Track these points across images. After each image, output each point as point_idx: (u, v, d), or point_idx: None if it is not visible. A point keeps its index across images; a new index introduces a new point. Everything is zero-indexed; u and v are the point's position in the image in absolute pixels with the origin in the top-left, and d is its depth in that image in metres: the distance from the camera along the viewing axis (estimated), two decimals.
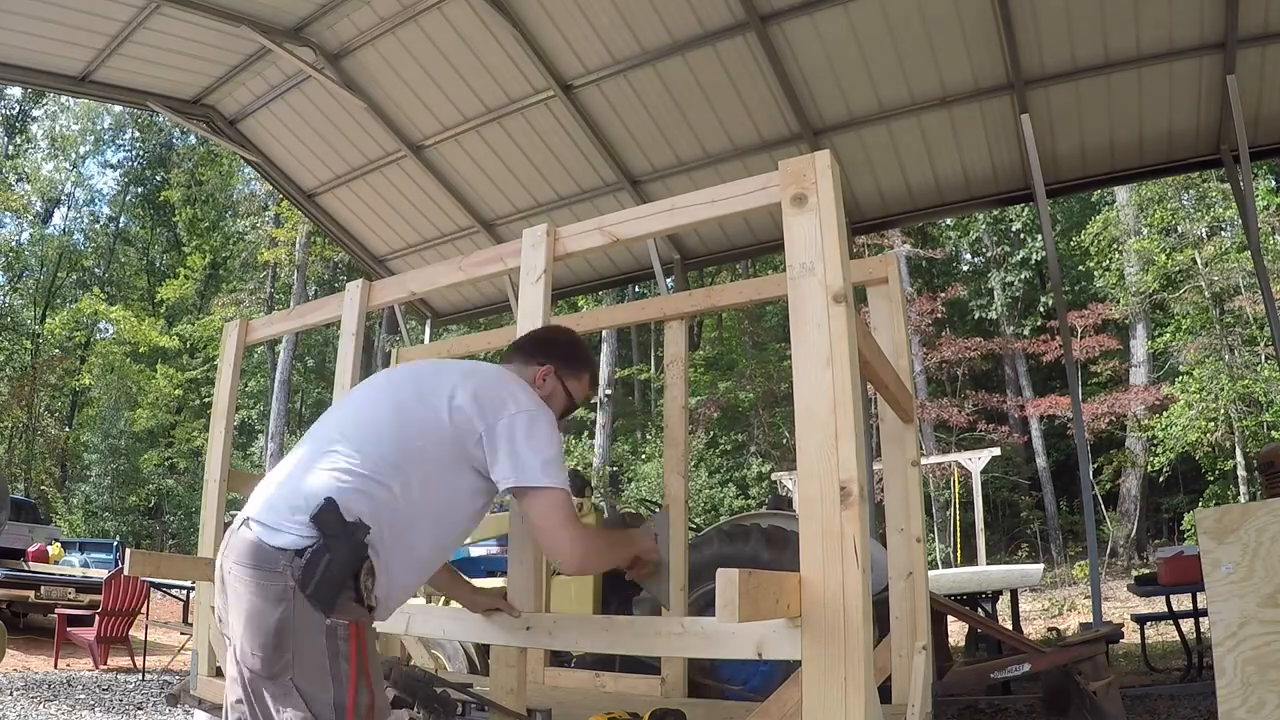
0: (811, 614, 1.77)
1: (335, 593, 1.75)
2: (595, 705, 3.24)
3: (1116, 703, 4.01)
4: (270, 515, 1.83)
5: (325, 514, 1.78)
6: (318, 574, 1.74)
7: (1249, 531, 2.96)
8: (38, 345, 25.71)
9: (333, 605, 1.76)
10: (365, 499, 1.86)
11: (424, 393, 2.06)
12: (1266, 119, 6.31)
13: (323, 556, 1.75)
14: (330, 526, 1.78)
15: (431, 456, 1.98)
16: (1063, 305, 8.68)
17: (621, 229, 2.54)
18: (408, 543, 1.95)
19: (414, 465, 1.96)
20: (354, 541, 1.79)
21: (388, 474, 1.91)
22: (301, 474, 1.91)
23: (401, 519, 1.92)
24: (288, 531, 1.79)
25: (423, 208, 8.65)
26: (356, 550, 1.79)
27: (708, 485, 19.05)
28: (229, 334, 3.95)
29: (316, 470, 1.90)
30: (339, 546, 1.77)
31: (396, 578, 1.94)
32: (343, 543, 1.78)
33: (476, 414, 2.01)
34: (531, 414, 2.04)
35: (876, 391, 3.01)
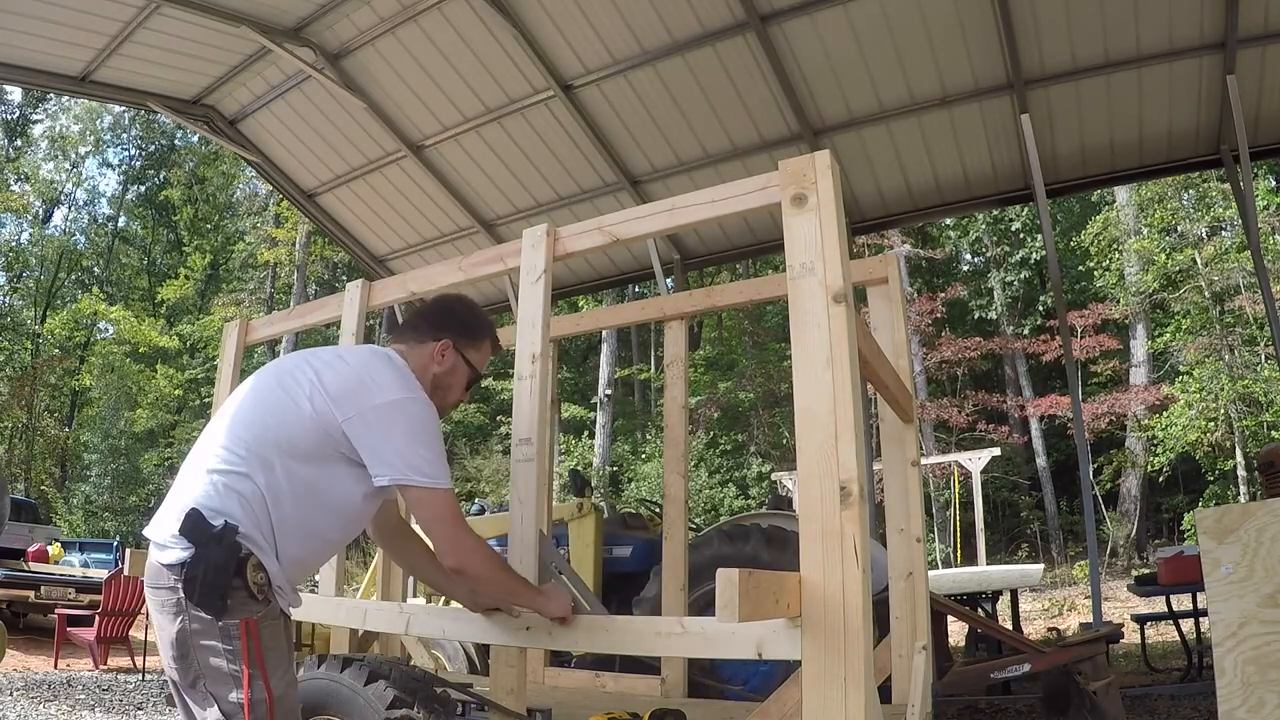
0: (811, 614, 1.77)
1: (221, 596, 1.77)
2: (595, 705, 3.24)
3: (1116, 703, 4.01)
4: (157, 533, 1.88)
5: (190, 524, 1.80)
6: (197, 583, 1.77)
7: (1249, 531, 2.96)
8: (38, 345, 25.71)
9: (223, 608, 1.78)
10: (234, 496, 1.87)
11: (285, 381, 2.02)
12: (1266, 119, 6.31)
13: (198, 565, 1.77)
14: (198, 535, 1.79)
15: (295, 443, 1.94)
16: (1063, 305, 8.68)
17: (621, 229, 2.54)
18: (294, 526, 1.93)
19: (275, 453, 1.92)
20: (225, 545, 1.80)
21: (252, 465, 1.90)
22: (179, 488, 1.94)
23: (279, 505, 1.90)
24: (170, 548, 1.83)
25: (423, 208, 8.65)
26: (230, 552, 1.80)
27: (708, 485, 19.05)
28: (229, 334, 3.95)
29: (189, 481, 1.93)
30: (210, 552, 1.78)
31: (293, 559, 1.94)
32: (212, 548, 1.79)
33: (335, 403, 1.95)
34: (399, 402, 1.97)
35: (876, 391, 3.01)
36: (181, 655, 1.81)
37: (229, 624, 1.78)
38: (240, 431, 1.96)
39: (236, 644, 1.79)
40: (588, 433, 21.32)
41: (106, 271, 30.24)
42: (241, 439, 1.95)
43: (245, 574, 1.81)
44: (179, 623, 1.80)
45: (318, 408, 1.95)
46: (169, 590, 1.81)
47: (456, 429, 23.09)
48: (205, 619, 1.78)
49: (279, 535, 1.91)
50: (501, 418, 21.52)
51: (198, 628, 1.79)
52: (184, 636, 1.80)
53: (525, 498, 2.50)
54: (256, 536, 1.87)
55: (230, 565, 1.79)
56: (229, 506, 1.85)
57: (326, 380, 1.99)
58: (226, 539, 1.80)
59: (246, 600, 1.81)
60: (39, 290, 27.76)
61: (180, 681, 1.83)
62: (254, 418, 1.98)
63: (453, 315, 2.31)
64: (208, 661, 1.79)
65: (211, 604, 1.77)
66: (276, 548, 1.90)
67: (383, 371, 2.03)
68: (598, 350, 21.57)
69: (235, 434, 1.96)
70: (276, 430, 1.95)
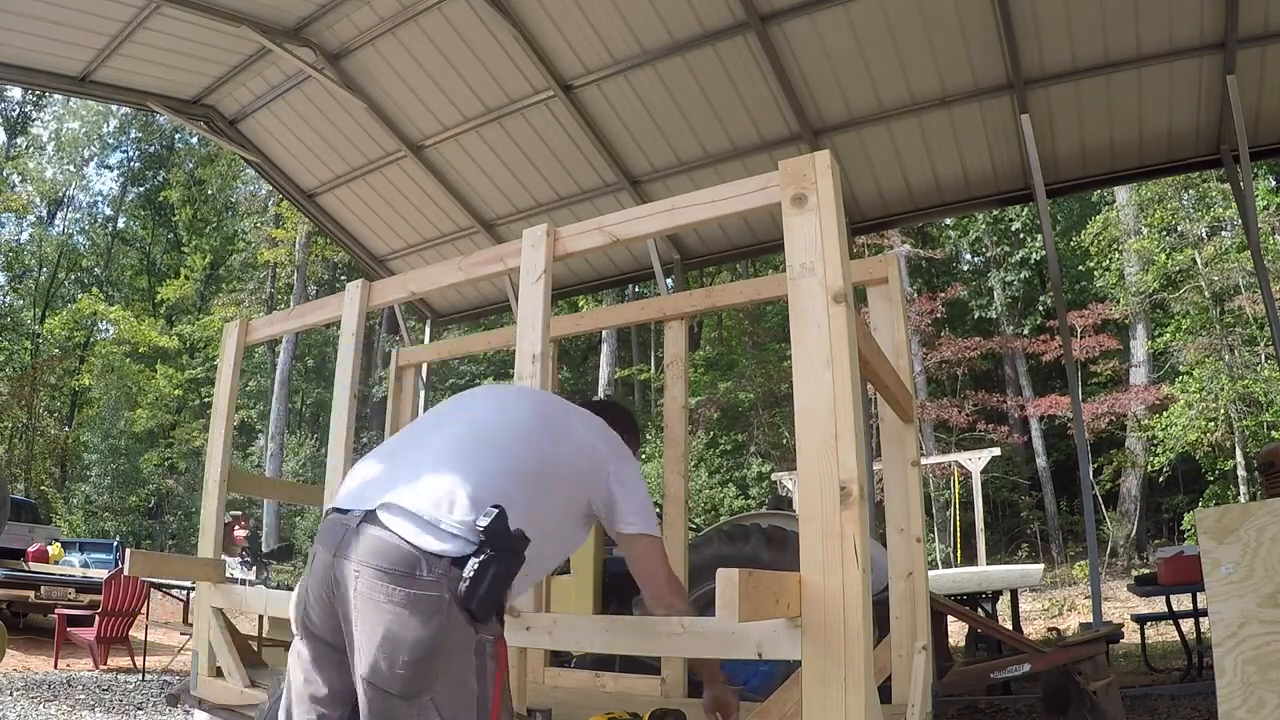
0: (811, 614, 1.78)
1: (496, 608, 1.65)
2: (595, 705, 3.24)
3: (1116, 703, 4.01)
4: (420, 512, 1.67)
5: (498, 523, 1.64)
6: (483, 588, 1.60)
7: (1249, 531, 2.96)
8: (37, 345, 25.70)
9: (488, 620, 1.65)
10: (514, 508, 1.72)
11: (549, 419, 2.09)
12: (1266, 119, 6.31)
13: (488, 569, 1.60)
14: (501, 538, 1.64)
15: (555, 478, 1.98)
16: (1063, 305, 8.68)
17: (621, 229, 2.54)
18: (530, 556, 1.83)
19: (539, 483, 1.91)
20: (518, 555, 1.67)
21: (526, 485, 1.85)
22: (452, 472, 1.76)
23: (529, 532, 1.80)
24: (451, 536, 1.64)
25: (423, 208, 8.65)
26: (518, 564, 1.68)
27: (708, 485, 19.04)
28: (229, 334, 3.95)
29: (468, 471, 1.77)
30: (506, 560, 1.64)
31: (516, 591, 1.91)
32: (508, 556, 1.65)
33: (606, 455, 2.08)
34: (635, 462, 2.18)
35: (876, 391, 3.01)
36: (425, 661, 1.58)
37: (486, 639, 1.64)
38: (513, 449, 1.91)
39: (492, 664, 1.64)
40: None
41: (106, 272, 30.24)
42: (516, 458, 1.89)
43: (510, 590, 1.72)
44: (434, 623, 1.58)
45: (583, 452, 2.05)
46: (430, 583, 1.60)
47: None
48: (465, 628, 1.61)
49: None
50: None
51: (457, 636, 1.60)
52: (436, 641, 1.58)
53: None
54: None
55: (511, 579, 1.67)
56: (515, 517, 1.69)
57: (593, 433, 2.12)
58: (518, 549, 1.66)
59: (497, 618, 1.70)
60: (39, 290, 27.76)
61: (398, 690, 1.58)
62: (528, 443, 1.95)
63: (632, 431, 2.38)
64: (452, 675, 1.60)
65: (484, 613, 1.61)
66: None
67: (615, 434, 2.20)
68: (598, 350, 21.57)
69: (510, 451, 1.90)
70: (548, 463, 1.95)
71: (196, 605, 3.85)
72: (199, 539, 3.96)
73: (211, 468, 3.86)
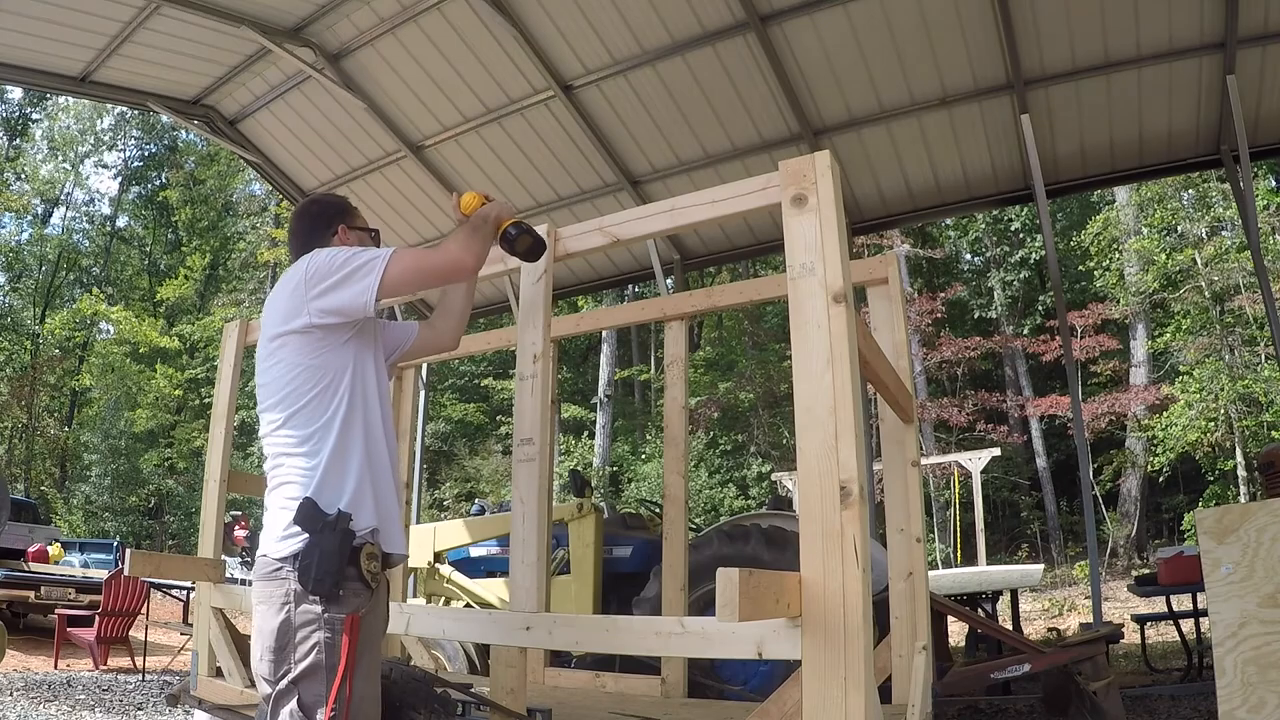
0: (811, 614, 1.78)
1: (336, 585, 1.83)
2: (595, 705, 3.24)
3: (1116, 703, 4.01)
4: (270, 526, 1.98)
5: (302, 513, 1.89)
6: (314, 570, 1.83)
7: (1249, 531, 2.96)
8: (37, 345, 25.70)
9: (336, 599, 1.84)
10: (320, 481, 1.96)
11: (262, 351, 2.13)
12: (1266, 119, 6.31)
13: (313, 553, 1.84)
14: (310, 523, 1.87)
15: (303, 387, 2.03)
16: (1063, 305, 8.67)
17: (622, 229, 2.54)
18: (374, 465, 2.03)
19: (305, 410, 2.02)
20: (336, 531, 1.87)
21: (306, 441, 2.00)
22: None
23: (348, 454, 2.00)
24: (283, 541, 1.91)
25: (423, 208, 8.65)
26: (338, 539, 1.86)
27: (708, 485, 19.04)
28: (229, 334, 3.95)
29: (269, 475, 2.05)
30: (325, 540, 1.85)
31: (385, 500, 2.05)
32: (327, 535, 1.86)
33: (290, 300, 2.04)
34: (325, 251, 2.10)
35: (876, 391, 3.01)
36: (276, 646, 1.84)
37: (336, 618, 1.84)
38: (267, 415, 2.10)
39: (338, 638, 1.83)
40: (588, 433, 21.32)
41: (106, 271, 30.23)
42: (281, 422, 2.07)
43: (360, 563, 1.88)
44: (284, 613, 1.85)
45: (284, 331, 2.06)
46: (279, 580, 1.87)
47: (456, 429, 23.10)
48: (315, 610, 1.83)
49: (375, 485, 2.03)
50: (501, 418, 21.52)
51: (307, 619, 1.84)
52: (286, 628, 1.84)
53: (526, 498, 2.51)
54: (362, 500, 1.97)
55: (342, 554, 1.86)
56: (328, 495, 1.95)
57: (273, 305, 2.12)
58: (338, 524, 1.88)
59: (355, 592, 1.88)
60: (38, 290, 27.75)
61: (266, 675, 1.86)
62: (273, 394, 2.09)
63: (322, 211, 2.36)
64: (303, 654, 1.83)
65: (330, 593, 1.83)
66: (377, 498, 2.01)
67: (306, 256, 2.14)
68: (598, 350, 21.57)
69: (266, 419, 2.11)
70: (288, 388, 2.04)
71: (196, 605, 3.85)
72: (199, 539, 3.96)
73: (211, 468, 3.86)
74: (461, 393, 23.65)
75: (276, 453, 2.03)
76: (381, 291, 2.01)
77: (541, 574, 2.48)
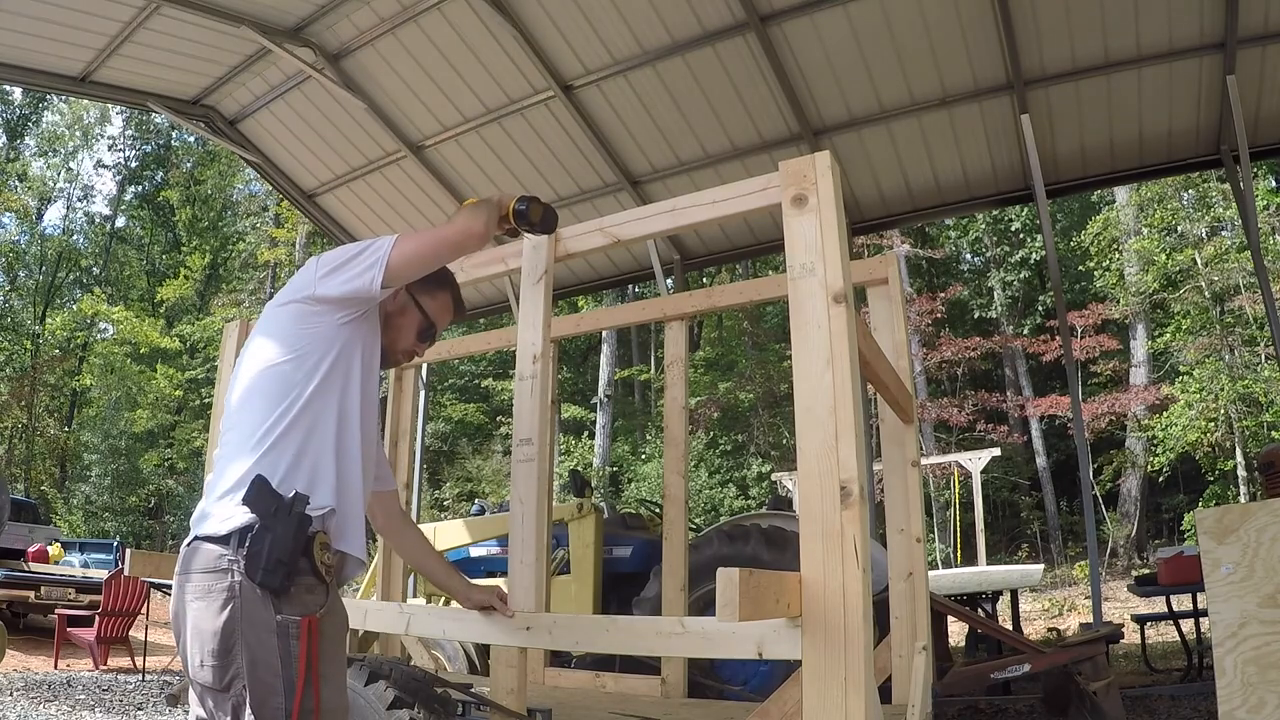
0: (811, 614, 1.78)
1: (288, 577, 1.63)
2: (595, 705, 3.24)
3: (1116, 703, 4.01)
4: (202, 511, 1.76)
5: (254, 490, 1.68)
6: (264, 559, 1.61)
7: (1249, 532, 2.96)
8: (37, 345, 25.70)
9: (286, 594, 1.63)
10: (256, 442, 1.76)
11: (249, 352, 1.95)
12: (1266, 119, 6.31)
13: (264, 538, 1.63)
14: (263, 503, 1.66)
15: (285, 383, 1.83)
16: (1063, 305, 8.68)
17: (622, 230, 2.55)
18: (340, 454, 1.83)
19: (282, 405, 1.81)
20: (291, 514, 1.67)
21: (270, 438, 1.79)
22: (215, 465, 1.85)
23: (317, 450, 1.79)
24: (219, 522, 1.69)
25: (423, 208, 8.65)
26: (294, 524, 1.66)
27: (708, 485, 19.04)
28: (229, 334, 3.95)
29: (221, 453, 1.84)
30: (280, 524, 1.65)
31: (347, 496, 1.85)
32: (282, 519, 1.65)
33: (291, 287, 1.93)
34: (328, 250, 1.97)
35: (876, 391, 3.02)
36: (221, 650, 1.61)
37: (290, 620, 1.62)
38: (242, 412, 1.90)
39: (295, 645, 1.62)
40: (588, 433, 21.32)
41: (105, 271, 30.21)
42: (249, 417, 1.87)
43: (312, 554, 1.68)
44: (228, 610, 1.62)
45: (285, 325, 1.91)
46: (219, 570, 1.64)
47: (457, 429, 23.10)
48: (266, 611, 1.61)
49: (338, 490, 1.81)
50: (502, 418, 21.51)
51: (256, 620, 1.61)
52: (231, 628, 1.61)
53: (526, 498, 2.51)
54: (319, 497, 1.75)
55: (299, 538, 1.66)
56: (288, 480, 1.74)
57: (276, 309, 1.96)
58: (293, 507, 1.67)
59: (307, 591, 1.67)
60: (38, 290, 27.74)
61: (210, 683, 1.63)
62: (248, 391, 1.91)
63: None
64: (255, 659, 1.60)
65: (280, 585, 1.61)
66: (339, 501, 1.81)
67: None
68: (598, 351, 21.57)
69: (241, 414, 1.90)
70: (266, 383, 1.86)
71: None
72: None
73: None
74: (461, 393, 23.66)
75: (235, 431, 1.81)
76: (389, 271, 1.86)
77: (541, 574, 2.48)
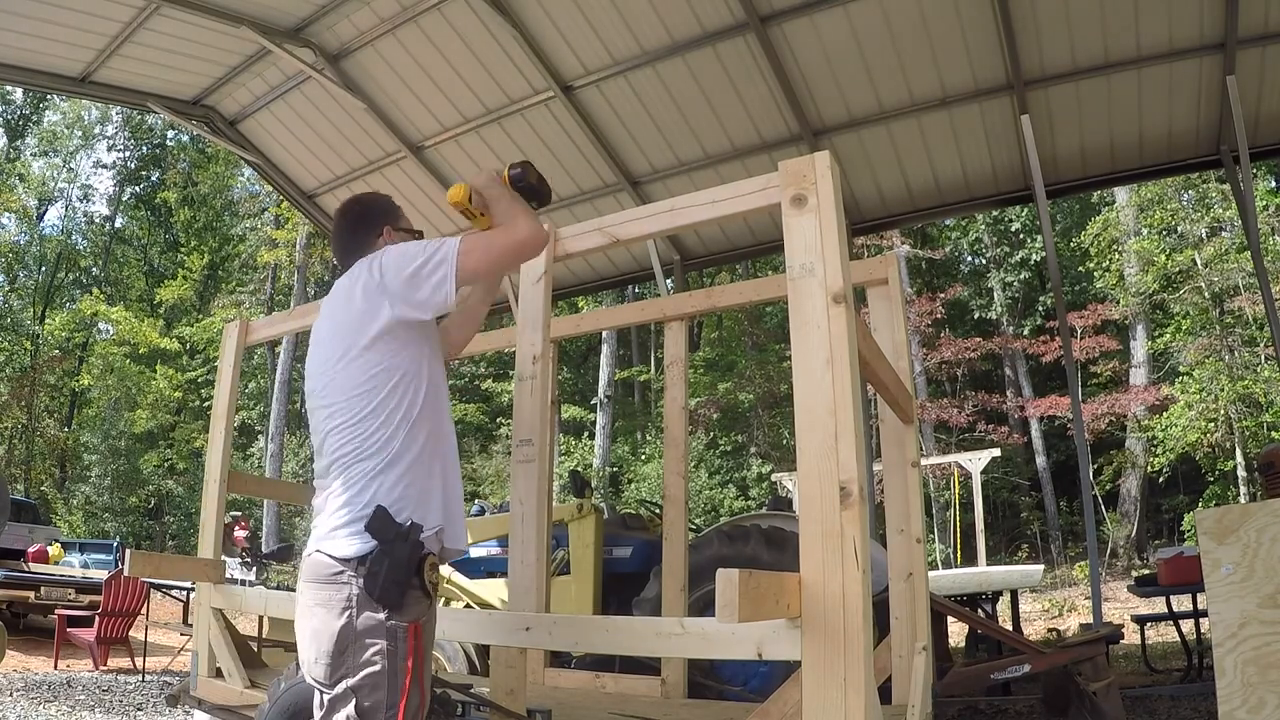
0: (811, 614, 1.77)
1: (401, 595, 1.83)
2: (595, 705, 3.24)
3: (1116, 703, 4.01)
4: (327, 528, 1.94)
5: (377, 521, 1.87)
6: (381, 579, 1.82)
7: (1249, 532, 2.96)
8: (37, 345, 25.69)
9: (399, 608, 1.83)
10: (393, 486, 1.93)
11: (334, 336, 2.07)
12: (1266, 119, 6.31)
13: (383, 562, 1.83)
14: (384, 532, 1.86)
15: (374, 385, 1.98)
16: (1062, 306, 8.68)
17: (621, 230, 2.55)
18: (443, 461, 2.05)
19: (377, 413, 1.97)
20: (407, 542, 1.86)
21: (379, 443, 1.96)
22: (327, 485, 2.00)
23: (421, 455, 1.99)
24: (345, 544, 1.89)
25: (423, 209, 8.65)
26: (411, 550, 1.86)
27: (708, 486, 19.04)
28: (229, 334, 3.95)
29: (330, 478, 1.99)
30: (397, 551, 1.84)
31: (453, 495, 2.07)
32: (399, 546, 1.85)
33: (366, 301, 2.00)
34: (387, 250, 2.07)
35: (876, 392, 3.01)
36: (334, 650, 1.82)
37: (398, 625, 1.83)
38: (330, 421, 2.05)
39: (402, 646, 1.83)
40: (588, 433, 21.31)
41: (104, 272, 30.20)
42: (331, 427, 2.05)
43: (423, 573, 1.87)
44: (345, 617, 1.83)
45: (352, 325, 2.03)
46: (340, 584, 1.85)
47: (458, 429, 23.02)
48: (378, 617, 1.82)
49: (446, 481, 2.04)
50: (502, 419, 21.51)
51: (369, 626, 1.82)
52: (346, 632, 1.82)
53: (526, 498, 2.51)
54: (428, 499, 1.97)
55: (413, 564, 1.86)
56: (398, 502, 1.94)
57: (351, 288, 2.08)
58: (409, 535, 1.87)
59: (417, 601, 1.88)
60: (38, 290, 27.73)
61: (321, 678, 1.85)
62: (338, 391, 2.06)
63: (365, 211, 2.31)
64: (363, 659, 1.81)
65: (394, 602, 1.83)
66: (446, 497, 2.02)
67: (368, 255, 2.13)
68: (598, 351, 21.56)
69: (326, 429, 2.06)
70: (363, 388, 2.00)
71: (196, 606, 3.85)
72: (199, 539, 3.96)
73: (211, 468, 3.86)
74: (462, 394, 23.67)
75: (342, 452, 1.97)
76: (459, 279, 1.97)
77: (541, 574, 2.48)
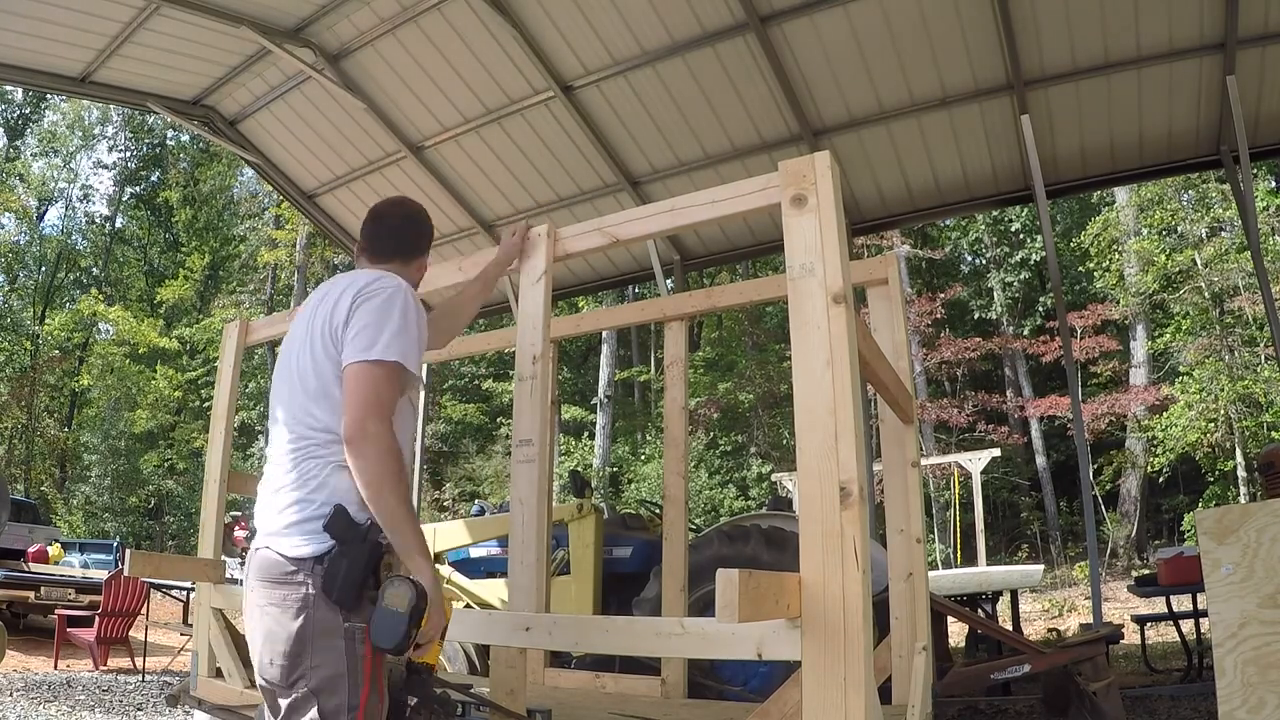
0: (811, 614, 1.77)
1: (358, 596, 1.78)
2: (595, 705, 3.24)
3: (1116, 703, 4.01)
4: (279, 525, 1.87)
5: (336, 520, 1.82)
6: (339, 579, 1.77)
7: (1249, 532, 2.96)
8: (37, 345, 25.69)
9: (356, 608, 1.78)
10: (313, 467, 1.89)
11: (312, 337, 2.04)
12: (1266, 119, 6.31)
13: (341, 562, 1.79)
14: (344, 532, 1.81)
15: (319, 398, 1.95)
16: (1062, 306, 8.67)
17: (621, 230, 2.55)
18: None
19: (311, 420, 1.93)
20: (365, 542, 1.82)
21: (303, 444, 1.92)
22: (279, 478, 1.93)
23: None
24: (301, 541, 1.83)
25: None
26: (368, 551, 1.81)
27: (708, 486, 19.03)
28: (229, 334, 3.96)
29: (283, 472, 1.93)
30: (354, 551, 1.80)
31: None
32: (355, 547, 1.80)
33: (343, 311, 1.98)
34: (408, 297, 2.00)
35: (876, 392, 3.01)
36: (292, 652, 1.77)
37: (356, 626, 1.78)
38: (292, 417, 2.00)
39: (361, 648, 1.77)
40: (588, 434, 21.31)
41: (104, 272, 30.19)
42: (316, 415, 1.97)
43: (379, 572, 1.83)
44: (301, 618, 1.78)
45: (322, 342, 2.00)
46: (296, 583, 1.80)
47: (458, 429, 23.09)
48: (335, 618, 1.77)
49: None
50: (502, 419, 21.51)
51: (327, 627, 1.77)
52: (304, 634, 1.77)
53: (525, 498, 2.51)
54: None
55: (371, 565, 1.81)
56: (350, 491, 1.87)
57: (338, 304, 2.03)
58: (368, 536, 1.82)
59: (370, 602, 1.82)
60: (38, 290, 27.72)
61: (277, 681, 1.80)
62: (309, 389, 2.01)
63: (427, 231, 2.30)
64: (322, 661, 1.76)
65: (352, 602, 1.78)
66: None
67: (380, 277, 2.06)
68: (598, 351, 21.56)
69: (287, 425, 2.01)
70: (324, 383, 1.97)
71: (196, 605, 3.85)
72: (199, 539, 3.97)
73: (211, 468, 3.86)
74: (461, 394, 23.66)
75: (301, 444, 1.90)
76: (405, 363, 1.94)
77: (541, 575, 2.48)
